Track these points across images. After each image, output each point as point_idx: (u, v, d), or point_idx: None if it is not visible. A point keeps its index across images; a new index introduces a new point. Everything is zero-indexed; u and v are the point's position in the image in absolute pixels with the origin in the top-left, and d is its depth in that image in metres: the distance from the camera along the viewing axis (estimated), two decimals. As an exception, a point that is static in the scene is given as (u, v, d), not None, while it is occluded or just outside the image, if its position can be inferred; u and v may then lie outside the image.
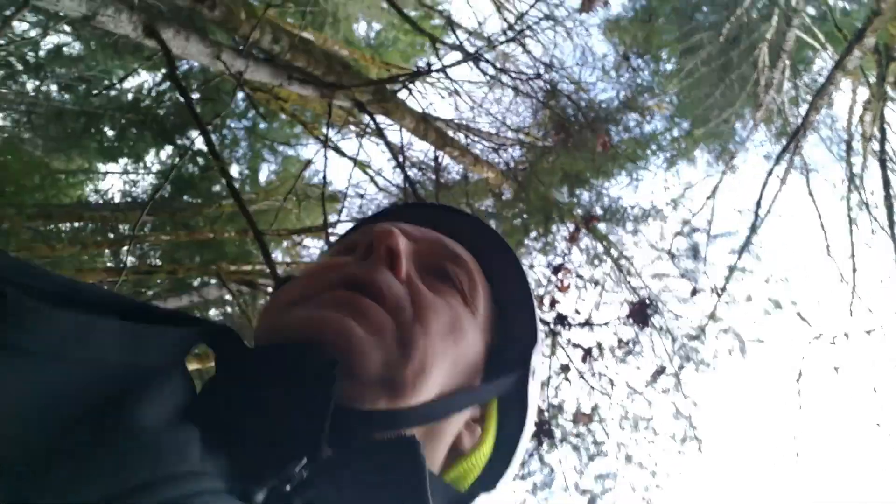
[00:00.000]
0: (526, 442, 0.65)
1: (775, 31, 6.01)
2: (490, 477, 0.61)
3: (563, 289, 3.61)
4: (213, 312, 8.34)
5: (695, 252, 5.16)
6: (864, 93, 4.58)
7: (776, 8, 5.92)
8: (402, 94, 2.68)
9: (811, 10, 6.88)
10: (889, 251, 3.62)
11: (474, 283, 0.63)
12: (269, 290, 6.44)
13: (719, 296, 4.54)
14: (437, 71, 2.32)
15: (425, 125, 2.79)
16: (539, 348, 0.67)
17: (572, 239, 3.71)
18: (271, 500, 0.40)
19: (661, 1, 7.69)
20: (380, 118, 2.80)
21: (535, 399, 0.65)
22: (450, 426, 0.56)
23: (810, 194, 4.91)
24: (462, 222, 0.71)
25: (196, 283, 7.50)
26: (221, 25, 2.06)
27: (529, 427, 0.65)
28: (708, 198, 5.13)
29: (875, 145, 3.88)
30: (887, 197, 3.55)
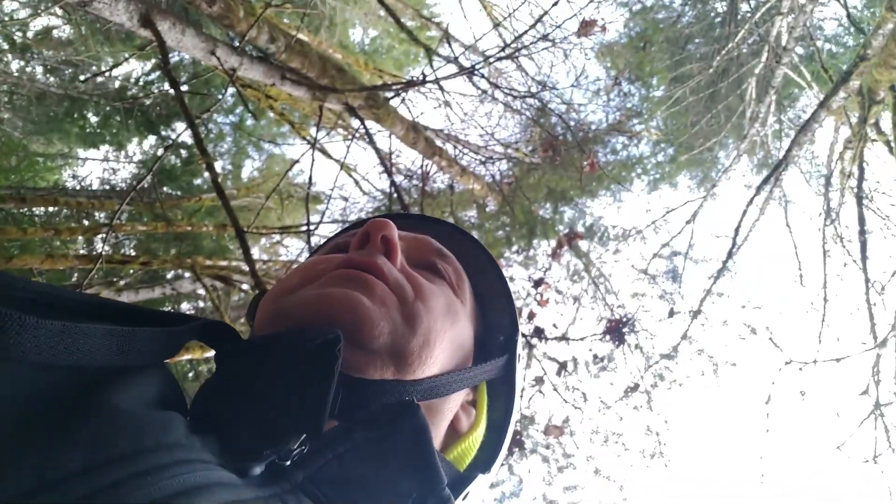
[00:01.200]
0: (514, 424, 0.68)
1: (764, 67, 6.13)
2: (485, 458, 0.64)
3: (542, 303, 3.63)
4: (185, 306, 8.22)
5: (673, 274, 5.24)
6: (845, 132, 4.68)
7: (766, 45, 6.04)
8: (394, 102, 2.68)
9: (800, 50, 7.06)
10: (860, 283, 3.70)
11: (460, 276, 0.68)
12: (244, 286, 6.37)
13: (695, 317, 4.61)
14: (431, 82, 2.32)
15: (415, 134, 2.79)
16: (520, 335, 0.70)
17: (554, 255, 3.74)
18: (271, 475, 0.41)
19: (654, 30, 7.83)
20: (370, 124, 2.80)
21: (521, 382, 0.68)
22: (449, 405, 0.58)
23: (787, 225, 5.01)
24: (440, 227, 0.77)
25: (170, 275, 7.39)
26: (218, 21, 2.04)
27: (517, 409, 0.68)
28: (687, 222, 5.19)
29: (853, 182, 3.97)
30: (861, 232, 3.63)
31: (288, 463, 0.41)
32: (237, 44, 1.95)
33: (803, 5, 4.21)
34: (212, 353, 0.55)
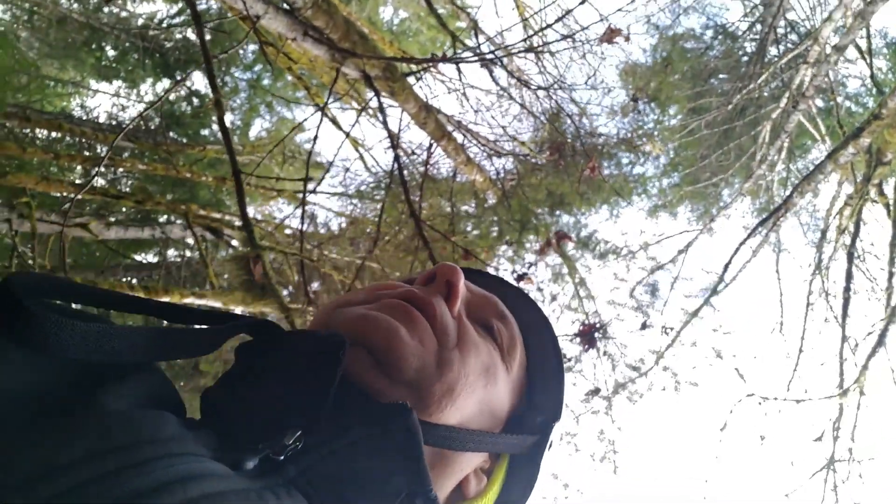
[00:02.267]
0: None
1: (781, 113, 6.16)
2: None
3: None
4: (171, 253, 8.19)
5: (652, 289, 5.29)
6: (848, 189, 4.71)
7: (788, 91, 6.07)
8: (411, 80, 2.68)
9: (819, 103, 7.09)
10: (836, 338, 3.74)
11: (514, 344, 0.67)
12: (234, 242, 6.35)
13: (667, 334, 4.66)
14: (452, 61, 2.32)
15: (427, 114, 2.79)
16: (561, 425, 0.68)
17: (542, 252, 3.75)
18: (265, 468, 0.42)
19: (681, 58, 7.84)
20: (384, 99, 2.80)
21: (544, 471, 0.66)
22: (460, 462, 0.57)
23: (777, 272, 5.04)
24: (514, 295, 0.75)
25: (162, 219, 7.36)
26: (250, -36, 2.04)
27: (532, 496, 0.66)
28: (680, 252, 5.22)
29: (847, 239, 4.01)
30: (847, 289, 3.67)
31: (281, 458, 0.43)
32: (265, -9, 1.95)
33: (829, 55, 4.24)
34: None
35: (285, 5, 2.09)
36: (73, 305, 0.51)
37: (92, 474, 0.33)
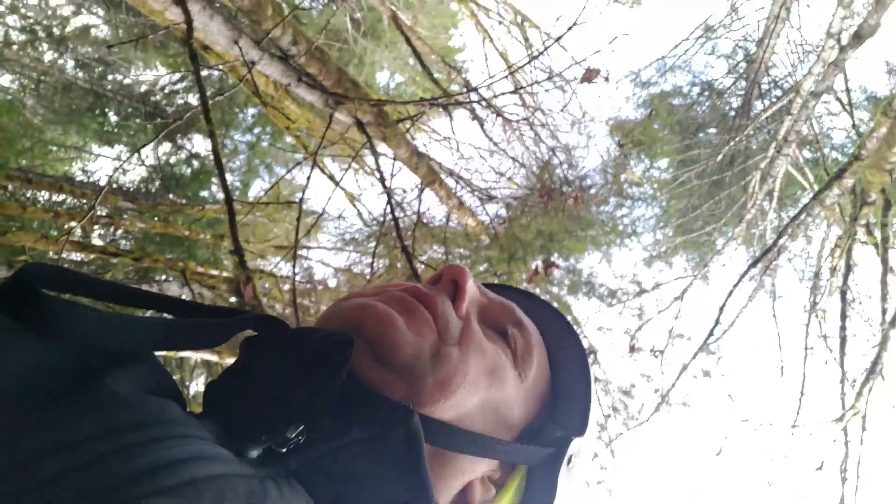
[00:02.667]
0: None
1: (769, 163, 6.31)
2: None
3: None
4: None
5: (640, 314, 5.28)
6: (837, 231, 4.78)
7: (774, 142, 6.23)
8: (403, 126, 2.78)
9: (807, 154, 7.27)
10: (837, 378, 3.71)
11: (529, 352, 0.64)
12: (231, 299, 6.35)
13: (656, 357, 4.62)
14: (440, 103, 2.41)
15: (419, 159, 2.86)
16: (583, 442, 0.63)
17: (530, 280, 3.77)
18: (267, 459, 0.43)
19: (669, 112, 8.08)
20: (376, 145, 2.88)
21: (565, 491, 0.61)
22: (461, 465, 0.55)
23: (773, 316, 5.04)
24: (545, 310, 0.74)
25: (161, 278, 7.38)
26: (246, 15, 2.14)
27: None
28: (676, 298, 5.23)
29: (840, 279, 4.03)
30: (842, 328, 3.66)
31: (284, 450, 0.43)
32: (261, 40, 2.04)
33: (808, 103, 4.38)
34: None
35: (280, 53, 2.18)
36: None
37: (96, 453, 0.34)
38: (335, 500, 0.44)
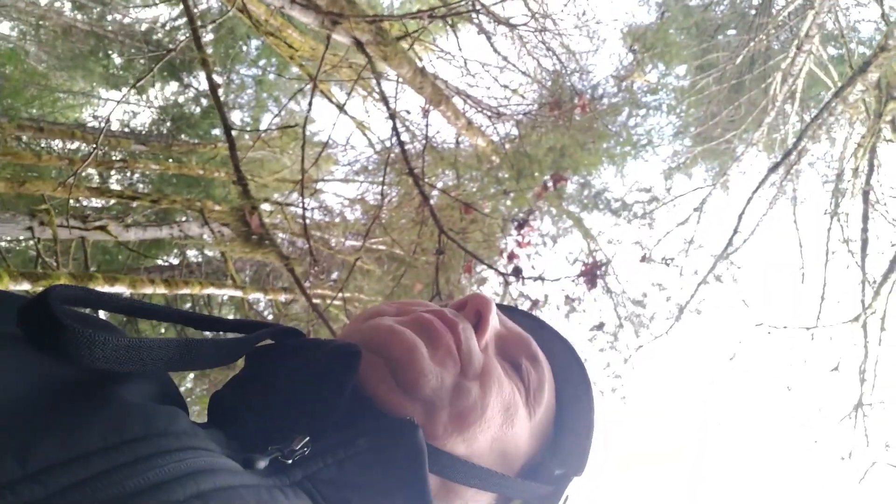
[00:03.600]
0: None
1: (791, 62, 6.03)
2: None
3: (523, 244, 3.66)
4: (192, 253, 8.31)
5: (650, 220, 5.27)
6: (861, 130, 4.62)
7: (795, 40, 5.94)
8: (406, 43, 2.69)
9: (832, 51, 6.92)
10: (857, 282, 3.68)
11: (541, 388, 0.65)
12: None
13: (668, 265, 4.63)
14: (441, 17, 2.31)
15: (423, 78, 2.79)
16: (581, 481, 0.66)
17: (539, 195, 3.75)
18: (273, 470, 0.43)
19: (685, 14, 7.71)
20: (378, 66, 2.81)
21: None
22: (465, 497, 0.57)
23: (794, 222, 4.96)
24: (556, 342, 0.73)
25: (182, 219, 7.47)
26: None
27: None
28: (695, 209, 5.17)
29: (862, 180, 3.93)
30: (864, 230, 3.60)
31: (290, 461, 0.43)
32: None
33: (832, -6, 4.13)
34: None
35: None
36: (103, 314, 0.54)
37: (106, 466, 0.34)
38: None
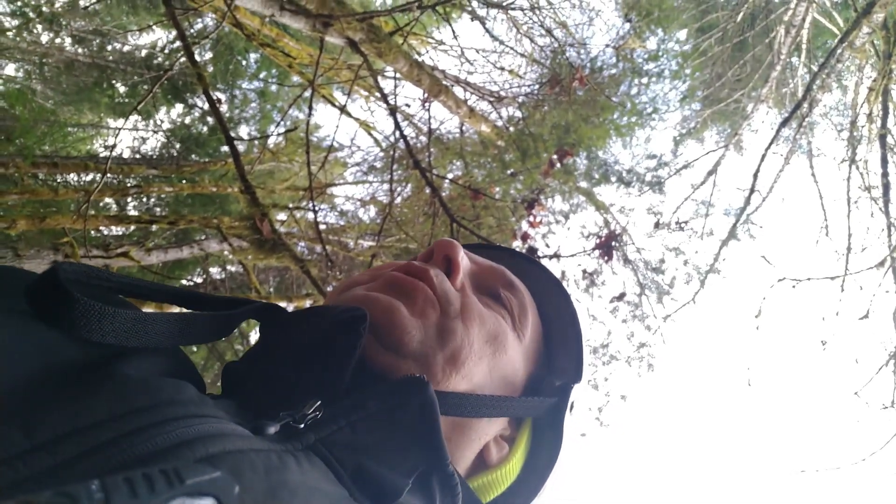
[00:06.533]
0: (555, 473, 0.66)
1: (793, 13, 5.91)
2: (513, 500, 0.64)
3: (534, 224, 3.65)
4: (214, 270, 8.42)
5: (659, 187, 5.22)
6: (872, 74, 4.51)
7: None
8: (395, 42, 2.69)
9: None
10: (883, 229, 3.60)
11: (524, 311, 0.67)
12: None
13: (682, 229, 4.58)
14: (433, 6, 2.31)
15: (419, 70, 2.78)
16: (582, 387, 0.68)
17: (546, 173, 3.73)
18: (285, 435, 0.43)
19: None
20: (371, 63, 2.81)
21: (569, 435, 0.66)
22: (477, 429, 0.59)
23: (812, 175, 4.88)
24: (526, 265, 0.76)
25: (202, 237, 7.56)
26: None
27: (560, 459, 0.66)
28: (710, 173, 5.10)
29: (878, 124, 3.84)
30: (884, 174, 3.52)
31: (302, 426, 0.44)
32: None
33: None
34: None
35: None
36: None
37: (113, 434, 0.35)
38: (354, 472, 0.45)
